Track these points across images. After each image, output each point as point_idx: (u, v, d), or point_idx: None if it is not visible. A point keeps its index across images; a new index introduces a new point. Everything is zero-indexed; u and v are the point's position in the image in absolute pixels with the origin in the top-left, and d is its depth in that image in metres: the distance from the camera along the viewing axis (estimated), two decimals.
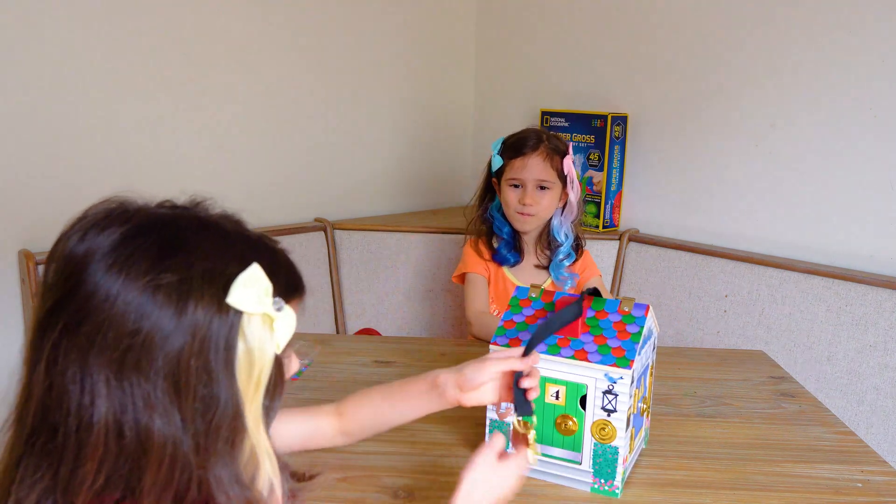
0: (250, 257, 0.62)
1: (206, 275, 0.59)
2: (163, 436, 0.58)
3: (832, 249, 1.86)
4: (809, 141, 1.87)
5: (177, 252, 0.59)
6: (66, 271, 0.59)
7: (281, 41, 2.11)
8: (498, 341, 1.05)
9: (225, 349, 0.60)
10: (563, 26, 2.35)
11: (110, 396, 0.57)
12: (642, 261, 2.12)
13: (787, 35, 1.88)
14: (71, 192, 1.71)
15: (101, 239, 0.59)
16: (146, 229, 0.60)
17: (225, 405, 0.60)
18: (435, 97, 2.54)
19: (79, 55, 1.72)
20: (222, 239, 0.63)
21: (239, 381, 0.61)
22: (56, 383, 0.58)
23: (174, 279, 0.58)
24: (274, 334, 0.63)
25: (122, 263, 0.58)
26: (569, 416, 1.01)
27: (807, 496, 1.00)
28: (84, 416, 0.57)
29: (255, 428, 0.62)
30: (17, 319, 1.70)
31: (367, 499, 0.97)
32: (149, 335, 0.57)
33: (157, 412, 0.57)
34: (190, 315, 0.58)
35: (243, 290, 0.60)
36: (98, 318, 0.57)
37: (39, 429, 0.59)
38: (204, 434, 0.59)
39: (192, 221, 0.63)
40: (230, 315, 0.60)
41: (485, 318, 1.62)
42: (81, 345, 0.57)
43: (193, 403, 0.59)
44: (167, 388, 0.58)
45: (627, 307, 1.03)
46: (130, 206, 0.63)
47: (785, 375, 1.45)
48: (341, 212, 2.32)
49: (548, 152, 1.63)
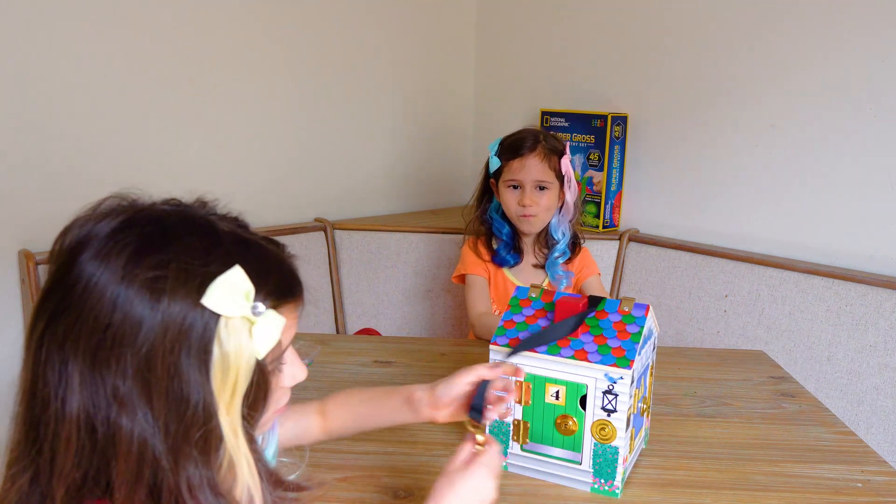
0: (235, 258, 0.60)
1: (183, 273, 0.58)
2: (130, 432, 0.57)
3: (832, 249, 1.86)
4: (809, 141, 1.87)
5: (157, 248, 0.59)
6: (59, 258, 0.60)
7: (281, 41, 2.11)
8: (498, 341, 1.05)
9: (199, 351, 0.58)
10: (563, 26, 2.35)
11: (83, 389, 0.57)
12: (642, 261, 2.12)
13: (787, 35, 1.88)
14: (71, 192, 1.71)
15: (95, 230, 0.60)
16: (132, 223, 0.60)
17: (195, 406, 0.58)
18: (435, 97, 2.54)
19: (78, 55, 1.72)
20: (209, 238, 0.61)
21: (213, 384, 0.59)
22: (39, 374, 0.58)
23: (150, 275, 0.57)
24: (253, 339, 0.61)
25: (104, 255, 0.58)
26: (569, 416, 1.01)
27: (807, 496, 1.00)
28: (59, 407, 0.57)
29: (232, 435, 0.60)
30: (17, 319, 1.70)
31: (367, 499, 0.97)
32: (120, 329, 0.57)
33: (127, 408, 0.57)
34: (163, 312, 0.57)
35: (221, 291, 0.59)
36: (76, 310, 0.57)
37: (26, 417, 0.59)
38: (174, 435, 0.58)
39: (182, 219, 0.62)
40: (206, 316, 0.58)
41: (487, 319, 1.62)
42: (60, 335, 0.58)
43: (164, 402, 0.57)
44: (137, 384, 0.57)
45: (627, 307, 1.03)
46: (134, 203, 0.63)
47: (785, 375, 1.45)
48: (341, 212, 2.32)
49: (545, 152, 1.62)
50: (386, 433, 1.14)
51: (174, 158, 1.93)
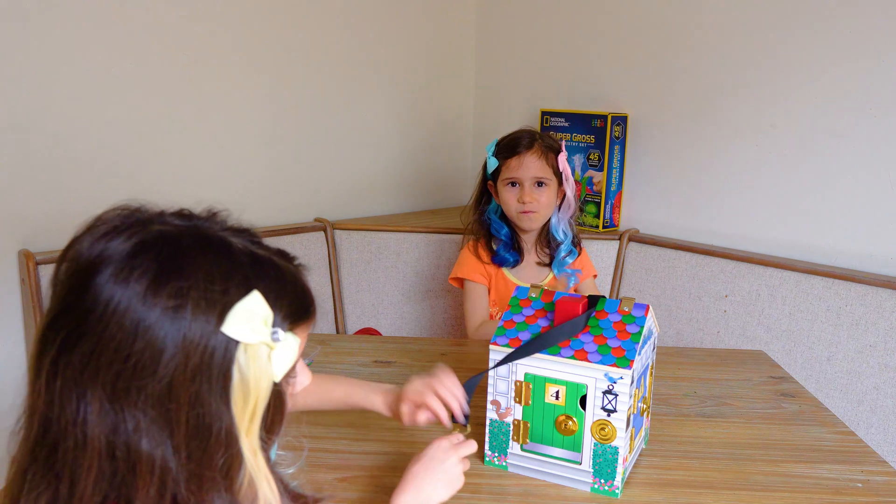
0: (253, 282, 0.60)
1: (203, 300, 0.58)
2: (151, 458, 0.57)
3: (832, 249, 1.86)
4: (809, 141, 1.87)
5: (176, 274, 0.58)
6: (73, 278, 0.59)
7: (281, 41, 2.11)
8: (498, 341, 1.05)
9: (220, 377, 0.58)
10: (563, 26, 2.35)
11: (102, 418, 0.56)
12: (642, 261, 2.12)
13: (787, 35, 1.88)
14: (71, 192, 1.71)
15: (108, 249, 0.58)
16: (149, 246, 0.59)
17: (218, 433, 0.58)
18: (435, 97, 2.54)
19: (78, 55, 1.72)
20: (226, 260, 0.61)
21: (234, 410, 0.59)
22: (55, 399, 0.57)
23: (170, 304, 0.57)
24: (272, 364, 0.61)
25: (122, 282, 0.57)
26: (569, 416, 1.01)
27: (807, 496, 1.00)
28: (79, 435, 0.57)
29: (251, 457, 0.61)
30: (17, 319, 1.70)
31: (367, 499, 0.97)
32: (141, 358, 0.56)
33: (148, 436, 0.57)
34: (184, 340, 0.57)
35: (241, 318, 0.59)
36: (93, 338, 0.56)
37: (42, 441, 0.59)
38: (197, 462, 0.58)
39: (197, 240, 0.61)
40: (225, 343, 0.58)
41: (485, 329, 1.63)
42: (77, 364, 0.57)
43: (185, 431, 0.57)
44: (159, 413, 0.57)
45: (627, 307, 1.03)
46: (142, 216, 0.62)
47: (785, 375, 1.45)
48: (341, 212, 2.32)
49: (543, 150, 1.65)
50: (386, 433, 1.14)
51: (174, 158, 1.93)
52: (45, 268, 1.65)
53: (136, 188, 1.85)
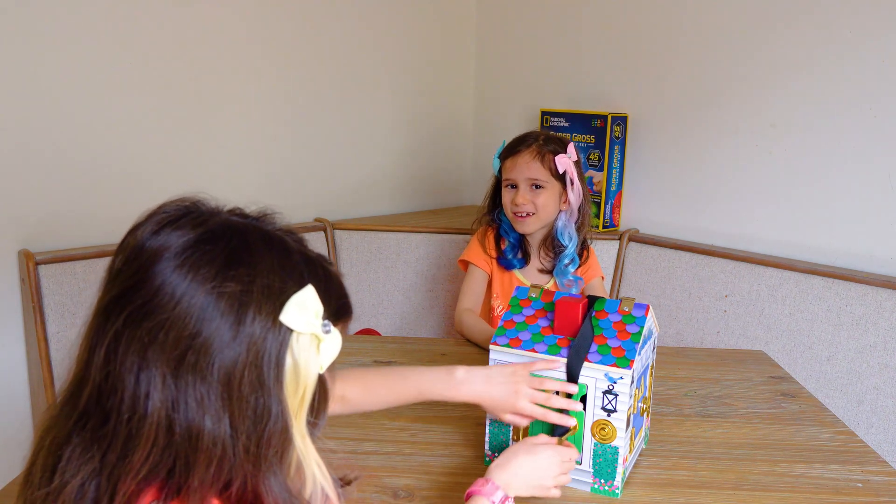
0: (307, 278, 0.64)
1: (266, 290, 0.62)
2: (213, 437, 0.59)
3: (832, 249, 1.86)
4: (809, 141, 1.87)
5: (243, 263, 0.62)
6: (135, 263, 0.61)
7: (281, 40, 2.11)
8: (498, 341, 1.05)
9: (276, 363, 0.62)
10: (563, 26, 2.35)
11: (165, 392, 0.59)
12: (642, 261, 2.12)
13: (788, 35, 1.88)
14: (71, 192, 1.71)
15: (173, 237, 0.61)
16: (217, 236, 0.62)
17: (275, 418, 0.62)
18: (435, 97, 2.54)
19: (78, 55, 1.72)
20: (285, 256, 0.65)
21: (286, 395, 0.63)
22: (113, 371, 0.60)
23: (237, 289, 0.60)
24: (319, 355, 0.65)
25: (190, 266, 0.60)
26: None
27: (807, 496, 1.00)
28: (137, 408, 0.59)
29: (301, 442, 0.65)
30: (17, 319, 1.70)
31: (367, 499, 0.97)
32: (207, 340, 0.59)
33: (209, 414, 0.59)
34: (247, 326, 0.60)
35: (297, 309, 0.62)
36: (161, 316, 0.59)
37: (92, 412, 0.61)
38: (255, 443, 0.61)
39: (260, 234, 0.65)
40: (282, 331, 0.62)
41: (468, 318, 1.61)
42: (142, 339, 0.59)
43: (245, 412, 0.60)
44: (220, 392, 0.60)
45: (627, 307, 1.03)
46: (204, 208, 0.66)
47: (785, 375, 1.45)
48: (341, 212, 2.32)
49: (539, 150, 1.61)
50: (386, 433, 1.14)
51: (175, 158, 1.93)
52: (45, 268, 1.65)
53: (136, 188, 1.85)
